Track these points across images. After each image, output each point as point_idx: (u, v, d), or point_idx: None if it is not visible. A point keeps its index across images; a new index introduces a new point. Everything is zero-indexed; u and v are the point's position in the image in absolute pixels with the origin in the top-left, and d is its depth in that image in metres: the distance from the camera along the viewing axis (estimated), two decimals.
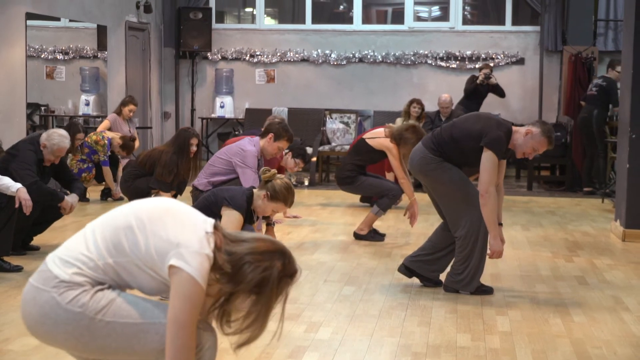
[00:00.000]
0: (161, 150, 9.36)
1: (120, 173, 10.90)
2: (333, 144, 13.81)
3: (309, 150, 13.41)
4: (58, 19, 12.18)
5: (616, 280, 7.03)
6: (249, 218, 6.12)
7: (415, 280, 6.84)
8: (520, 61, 14.61)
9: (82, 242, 3.08)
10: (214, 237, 3.06)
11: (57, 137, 7.49)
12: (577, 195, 12.39)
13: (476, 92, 13.45)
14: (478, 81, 13.33)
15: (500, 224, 6.47)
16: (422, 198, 11.85)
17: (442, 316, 5.89)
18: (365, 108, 14.56)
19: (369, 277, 7.00)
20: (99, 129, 11.12)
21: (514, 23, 14.98)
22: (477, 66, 14.46)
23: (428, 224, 9.69)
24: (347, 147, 13.42)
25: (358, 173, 8.81)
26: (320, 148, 13.54)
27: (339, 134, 13.95)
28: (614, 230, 9.20)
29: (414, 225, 8.75)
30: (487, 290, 6.50)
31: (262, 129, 8.24)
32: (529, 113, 14.25)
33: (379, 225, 9.26)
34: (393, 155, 8.57)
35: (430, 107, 13.56)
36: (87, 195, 11.07)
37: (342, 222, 9.79)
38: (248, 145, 7.76)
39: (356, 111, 14.25)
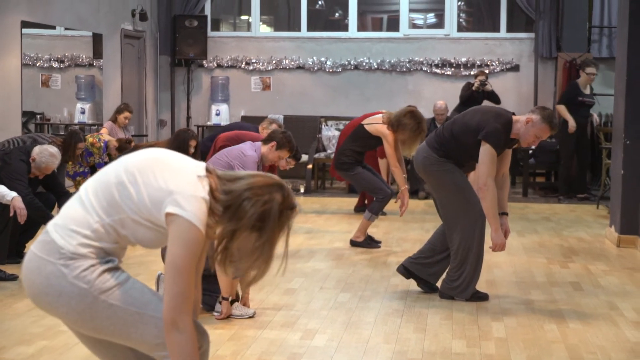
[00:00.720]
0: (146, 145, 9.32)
1: None
2: (329, 151, 13.81)
3: (305, 157, 13.43)
4: (54, 27, 12.19)
5: (611, 286, 7.05)
6: None
7: (411, 287, 6.85)
8: (515, 68, 14.64)
9: (79, 207, 3.04)
10: (207, 180, 3.03)
11: (47, 157, 7.47)
12: (572, 201, 12.40)
13: (472, 98, 13.46)
14: (474, 88, 13.35)
15: (506, 214, 6.49)
16: (417, 205, 11.90)
17: (437, 323, 5.90)
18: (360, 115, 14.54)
19: (365, 284, 7.01)
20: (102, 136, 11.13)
21: (509, 30, 15.02)
22: (472, 73, 14.49)
23: (424, 230, 9.72)
24: None
25: (356, 161, 8.76)
26: (316, 155, 13.56)
27: (335, 141, 13.92)
28: (609, 236, 9.22)
29: (402, 214, 8.74)
30: (482, 297, 6.51)
31: (265, 137, 8.26)
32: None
33: (374, 232, 9.28)
34: (388, 142, 8.55)
35: (426, 114, 13.51)
36: None
37: (338, 229, 9.80)
38: (249, 150, 7.76)
39: (352, 118, 14.25)
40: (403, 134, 8.40)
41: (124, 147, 10.87)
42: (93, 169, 10.81)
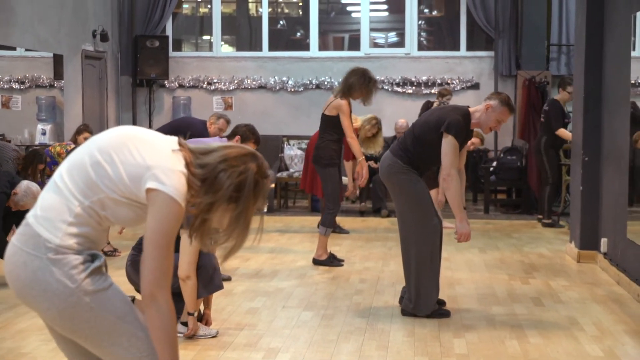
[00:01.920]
0: None
1: None
2: (291, 170, 13.84)
3: None
4: (14, 49, 12.14)
5: (571, 301, 7.12)
6: None
7: (374, 304, 6.89)
8: (476, 86, 14.75)
9: (55, 195, 2.99)
10: (182, 154, 3.03)
11: (29, 199, 7.50)
12: (534, 217, 12.50)
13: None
14: (434, 107, 13.40)
15: (464, 208, 6.60)
16: (380, 222, 11.95)
17: (399, 340, 5.92)
18: None
19: (327, 302, 7.03)
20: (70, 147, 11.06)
21: (469, 48, 15.15)
22: (433, 91, 14.60)
23: (386, 248, 9.76)
24: None
25: (333, 157, 8.72)
26: (279, 174, 13.57)
27: (297, 160, 13.99)
28: (569, 252, 9.30)
29: (361, 184, 8.76)
30: (444, 313, 6.55)
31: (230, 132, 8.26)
32: (485, 137, 14.36)
33: (337, 250, 9.30)
34: (343, 113, 8.61)
35: (387, 132, 13.61)
36: None
37: (300, 248, 9.81)
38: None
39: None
40: (356, 92, 8.57)
41: None
42: None
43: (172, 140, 3.08)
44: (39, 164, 10.09)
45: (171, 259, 2.95)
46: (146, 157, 2.96)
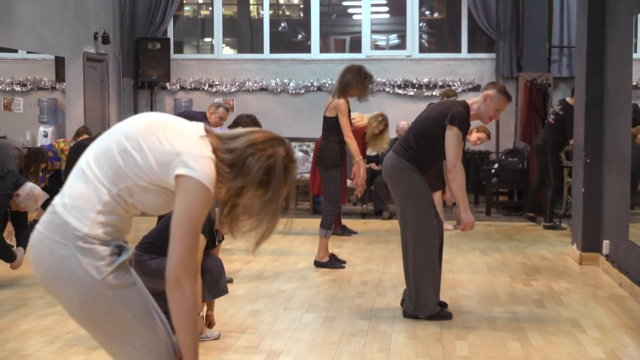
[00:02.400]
0: None
1: None
2: None
3: None
4: (16, 51, 12.15)
5: (573, 303, 7.12)
6: (211, 239, 6.02)
7: (376, 306, 6.89)
8: (477, 88, 14.74)
9: (83, 183, 2.97)
10: (209, 140, 3.01)
11: (30, 202, 7.51)
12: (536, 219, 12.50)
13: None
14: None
15: (454, 204, 6.62)
16: (381, 225, 11.95)
17: (401, 342, 5.92)
18: None
19: (329, 304, 7.03)
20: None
21: (470, 50, 15.15)
22: (434, 93, 14.61)
23: (388, 250, 9.76)
24: (307, 175, 13.48)
25: (337, 164, 8.73)
26: None
27: (299, 162, 14.00)
28: (571, 254, 9.30)
29: (357, 186, 8.76)
30: (445, 315, 6.55)
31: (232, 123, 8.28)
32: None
33: (339, 252, 9.31)
34: (341, 112, 8.62)
35: (389, 133, 13.66)
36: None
37: (302, 250, 9.81)
38: None
39: (315, 139, 14.30)
40: (353, 89, 8.60)
41: None
42: (57, 175, 10.76)
43: (199, 127, 3.07)
44: (40, 162, 10.11)
45: (197, 245, 2.95)
46: (174, 144, 2.94)
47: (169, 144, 2.94)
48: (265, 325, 6.34)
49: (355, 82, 8.56)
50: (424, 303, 6.49)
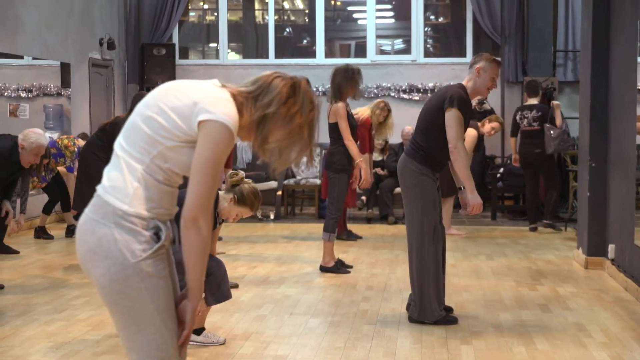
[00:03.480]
0: (125, 117, 9.26)
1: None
2: (298, 177, 13.85)
3: (274, 184, 13.45)
4: (21, 57, 12.18)
5: (579, 308, 7.11)
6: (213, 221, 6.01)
7: (381, 311, 6.89)
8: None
9: (118, 163, 3.03)
10: (226, 88, 3.10)
11: (33, 136, 7.56)
12: (541, 224, 12.48)
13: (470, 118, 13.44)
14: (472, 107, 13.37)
15: (460, 188, 6.60)
16: (387, 229, 11.96)
17: (407, 347, 5.92)
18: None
19: (335, 309, 7.03)
20: (78, 141, 11.09)
21: (475, 55, 15.12)
22: None
23: (393, 255, 9.76)
24: (312, 180, 13.49)
25: (346, 168, 8.72)
26: (286, 182, 13.58)
27: (304, 167, 14.00)
28: (577, 258, 9.30)
29: (356, 187, 8.78)
30: (451, 320, 6.55)
31: None
32: (491, 144, 14.37)
33: (344, 257, 9.31)
34: (339, 116, 8.67)
35: (394, 139, 13.67)
36: (51, 232, 11.02)
37: (307, 255, 9.82)
38: None
39: (321, 144, 14.30)
40: (346, 89, 8.66)
41: None
42: (59, 177, 10.78)
43: (214, 80, 3.16)
44: (43, 158, 10.16)
45: (216, 187, 2.97)
46: (192, 96, 3.00)
47: (186, 97, 3.00)
48: (271, 330, 6.35)
49: (346, 81, 8.61)
50: (428, 309, 6.49)
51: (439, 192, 6.60)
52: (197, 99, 2.98)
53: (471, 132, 10.65)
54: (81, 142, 10.94)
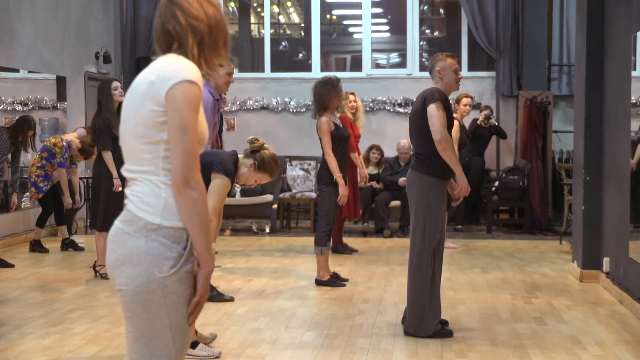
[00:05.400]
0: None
1: (77, 181, 11.00)
2: (294, 190, 13.86)
3: (270, 197, 13.46)
4: (17, 70, 12.19)
5: (574, 321, 7.12)
6: (230, 186, 6.01)
7: (377, 324, 6.89)
8: (477, 106, 14.76)
9: (135, 179, 3.02)
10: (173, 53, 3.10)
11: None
12: (536, 237, 12.53)
13: (478, 134, 13.52)
14: (479, 122, 13.41)
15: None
16: (382, 243, 11.96)
17: None
18: None
19: (330, 322, 7.03)
20: (65, 136, 11.10)
21: (470, 69, 15.19)
22: None
23: (389, 268, 9.77)
24: (308, 193, 13.51)
25: (335, 182, 8.68)
26: (281, 195, 13.59)
27: (299, 180, 14.02)
28: (572, 272, 9.31)
29: (341, 203, 8.81)
30: (446, 333, 6.56)
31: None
32: (487, 157, 14.37)
33: (340, 270, 9.32)
34: (321, 131, 8.73)
35: (390, 152, 13.72)
36: (46, 245, 11.01)
37: (303, 269, 9.82)
38: (204, 92, 7.99)
39: (316, 158, 14.32)
40: (332, 100, 8.73)
41: (87, 150, 10.77)
42: (55, 189, 10.82)
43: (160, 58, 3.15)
44: (28, 130, 10.27)
45: (197, 141, 2.95)
46: (147, 78, 2.99)
47: (144, 84, 2.99)
48: (267, 344, 6.35)
49: (328, 92, 8.65)
50: (424, 323, 6.50)
51: (447, 203, 6.70)
52: (153, 78, 2.97)
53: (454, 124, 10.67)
54: (68, 137, 10.95)
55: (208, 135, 3.11)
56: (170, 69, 2.97)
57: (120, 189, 8.78)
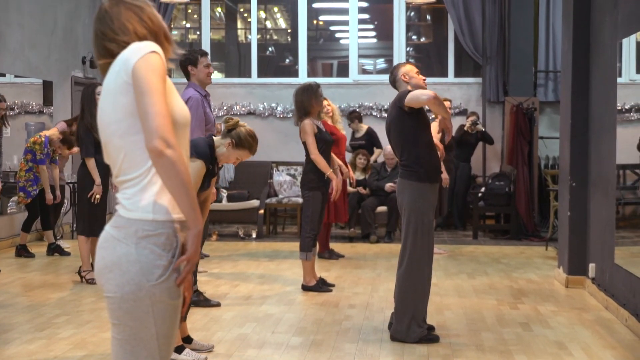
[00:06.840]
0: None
1: (57, 176, 10.94)
2: (280, 196, 13.86)
3: (256, 202, 13.46)
4: (3, 75, 12.16)
5: (560, 327, 7.14)
6: (212, 167, 6.01)
7: (363, 329, 6.90)
8: (464, 112, 14.82)
9: (123, 182, 3.01)
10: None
11: None
12: (522, 243, 12.56)
13: (465, 140, 13.57)
14: (465, 128, 13.46)
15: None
16: (369, 248, 11.97)
17: None
18: None
19: (317, 328, 7.04)
20: (43, 132, 11.06)
21: (457, 75, 15.24)
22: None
23: (375, 274, 9.77)
24: (294, 199, 13.51)
25: (319, 185, 8.76)
26: (268, 200, 13.59)
27: (286, 186, 14.02)
28: (558, 277, 9.34)
29: (332, 198, 8.88)
30: (433, 339, 6.57)
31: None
32: (473, 163, 14.41)
33: (326, 276, 9.32)
34: (305, 133, 8.74)
35: (377, 158, 13.73)
36: (32, 250, 10.98)
37: (289, 274, 9.82)
38: (190, 92, 8.10)
39: (303, 163, 14.32)
40: (312, 106, 8.75)
41: (68, 140, 10.70)
42: (42, 194, 10.77)
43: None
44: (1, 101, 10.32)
45: (166, 103, 2.92)
46: (113, 71, 3.00)
47: (112, 80, 2.99)
48: (253, 349, 6.34)
49: (308, 98, 8.67)
50: (411, 329, 6.51)
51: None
52: (117, 68, 2.98)
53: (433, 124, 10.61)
54: (47, 132, 10.89)
55: (190, 117, 3.09)
56: (129, 51, 2.98)
57: (99, 196, 8.83)
